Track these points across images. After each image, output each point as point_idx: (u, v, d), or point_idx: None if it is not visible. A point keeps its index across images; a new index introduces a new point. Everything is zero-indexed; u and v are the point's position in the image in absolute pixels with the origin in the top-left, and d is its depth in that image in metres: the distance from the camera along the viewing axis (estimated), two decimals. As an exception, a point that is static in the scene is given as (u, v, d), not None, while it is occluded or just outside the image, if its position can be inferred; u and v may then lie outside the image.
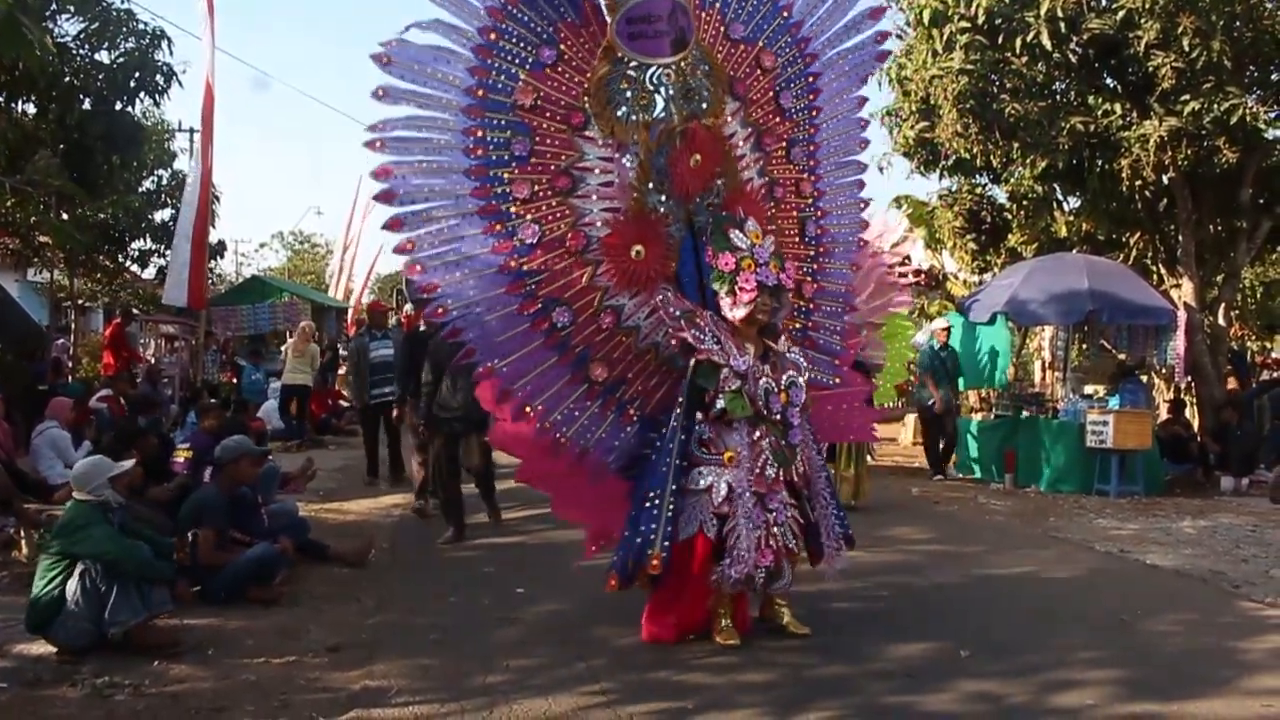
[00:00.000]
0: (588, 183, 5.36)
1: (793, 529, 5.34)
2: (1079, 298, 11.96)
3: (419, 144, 5.09)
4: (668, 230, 5.51)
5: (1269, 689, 4.75)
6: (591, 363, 5.38)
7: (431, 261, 5.11)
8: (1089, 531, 8.92)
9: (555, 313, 5.27)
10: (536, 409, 5.25)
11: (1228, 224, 13.40)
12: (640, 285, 5.39)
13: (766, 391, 5.19)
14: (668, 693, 4.69)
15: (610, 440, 5.46)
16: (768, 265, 5.26)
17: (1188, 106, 10.99)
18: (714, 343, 5.22)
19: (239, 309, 20.74)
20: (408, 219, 5.05)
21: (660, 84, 5.42)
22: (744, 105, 5.70)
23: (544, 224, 5.25)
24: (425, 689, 4.75)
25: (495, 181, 5.17)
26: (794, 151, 5.92)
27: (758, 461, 5.20)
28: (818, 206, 6.06)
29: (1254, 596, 6.52)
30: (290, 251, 50.86)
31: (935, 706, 4.53)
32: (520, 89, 5.18)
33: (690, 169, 5.43)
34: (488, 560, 7.49)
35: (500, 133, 5.17)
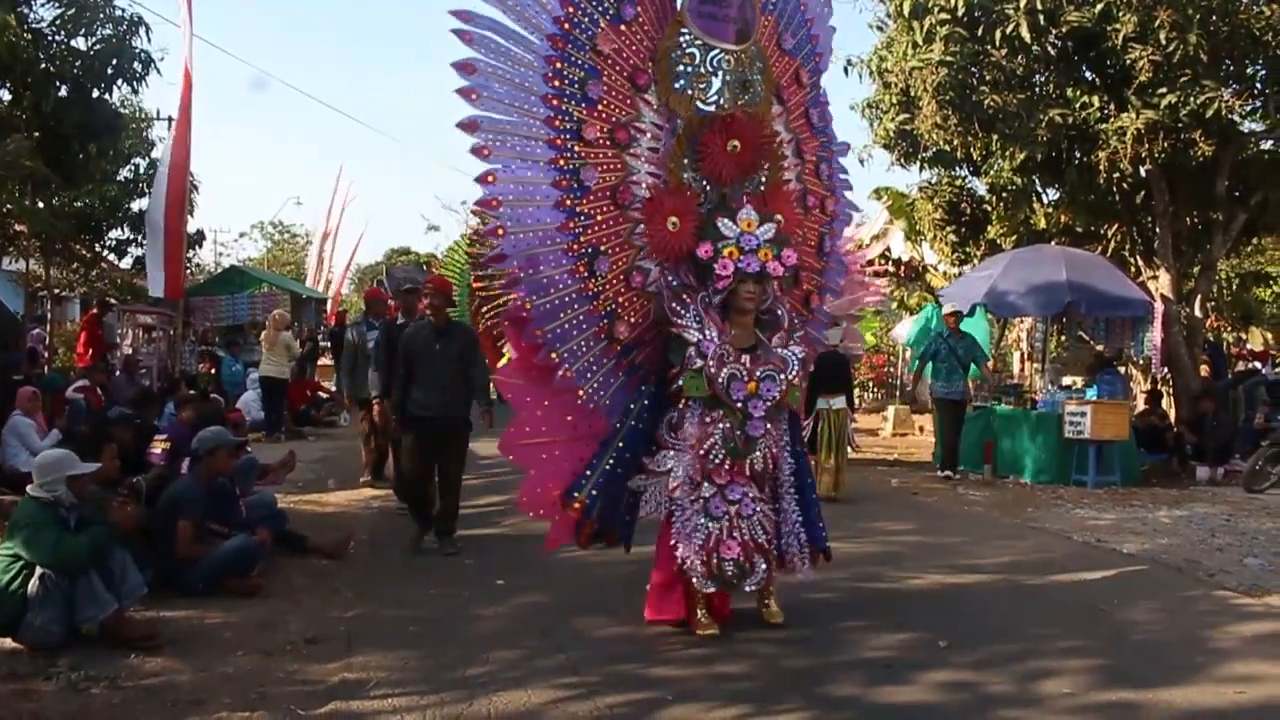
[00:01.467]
0: (640, 143, 5.48)
1: (763, 525, 5.34)
2: (1057, 289, 12.03)
3: (503, 54, 5.15)
4: (700, 207, 5.56)
5: (1242, 676, 4.81)
6: (617, 320, 5.41)
7: (501, 175, 5.16)
8: (1067, 521, 8.99)
9: (597, 261, 5.32)
10: (561, 354, 5.26)
11: (1203, 216, 13.51)
12: (669, 254, 5.45)
13: (731, 377, 5.18)
14: (645, 683, 4.71)
15: (618, 402, 5.48)
16: (754, 253, 5.26)
17: (1165, 99, 11.06)
18: (694, 320, 5.26)
19: (218, 299, 20.62)
20: (485, 123, 5.11)
21: (719, 68, 5.54)
22: (787, 112, 5.91)
23: (600, 171, 5.35)
24: (404, 681, 4.74)
25: (566, 116, 5.26)
26: (821, 168, 6.17)
27: (705, 444, 5.21)
28: (833, 226, 6.33)
29: (1227, 585, 6.58)
30: (270, 242, 50.68)
31: (913, 696, 4.56)
32: (601, 35, 5.32)
33: (726, 153, 5.51)
34: (467, 553, 7.46)
35: (578, 70, 5.28)
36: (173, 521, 6.19)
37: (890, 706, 4.47)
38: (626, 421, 5.41)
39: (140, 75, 10.75)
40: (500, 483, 10.69)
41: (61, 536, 5.11)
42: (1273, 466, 10.89)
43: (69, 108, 10.60)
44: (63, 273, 19.01)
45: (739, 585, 5.34)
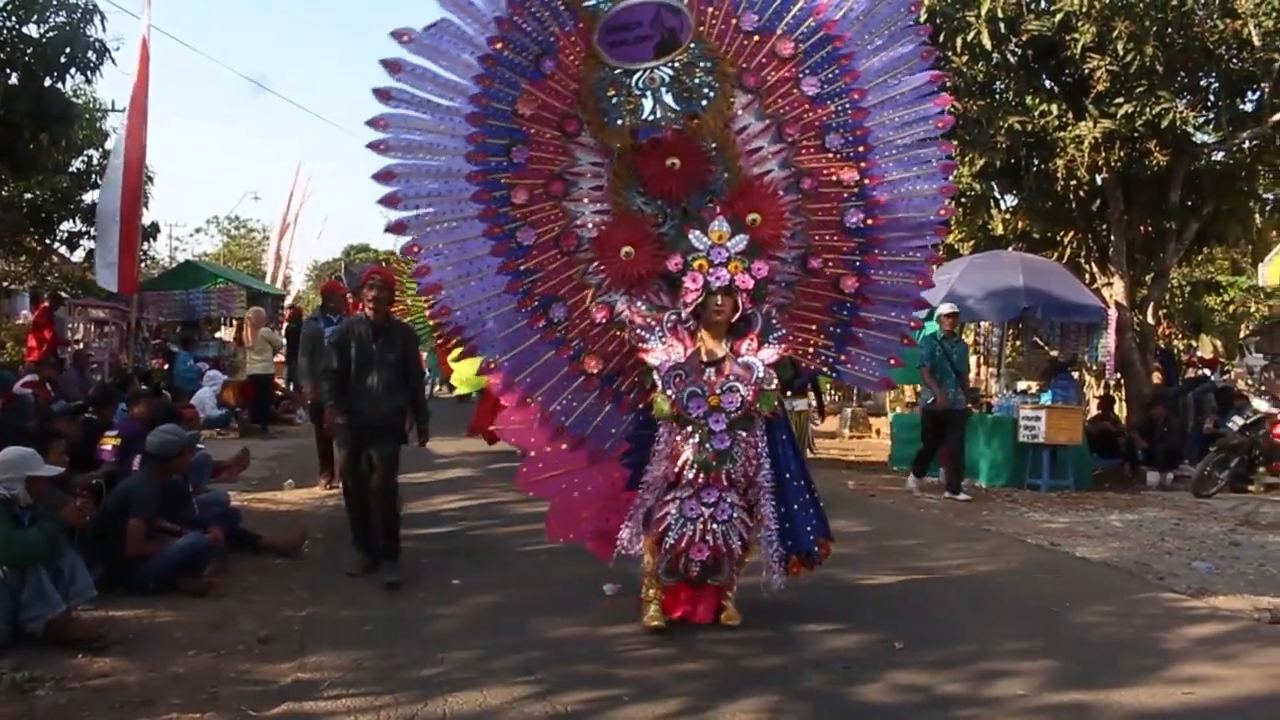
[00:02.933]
0: (580, 187, 5.57)
1: (739, 530, 5.34)
2: (1014, 294, 12.16)
3: (423, 148, 5.33)
4: (658, 230, 5.56)
5: (1190, 677, 4.87)
6: (586, 356, 5.54)
7: (435, 262, 5.40)
8: (1021, 525, 9.08)
9: (551, 309, 5.49)
10: (537, 399, 5.49)
11: (1157, 225, 13.71)
12: (631, 283, 5.49)
13: (689, 395, 5.18)
14: (602, 683, 4.69)
15: (607, 428, 5.60)
16: (724, 265, 5.23)
17: (1121, 109, 11.23)
18: (659, 342, 5.29)
19: (172, 294, 20.33)
20: (411, 223, 5.34)
21: (647, 88, 5.52)
22: (759, 97, 5.61)
23: (539, 227, 5.48)
24: (358, 681, 4.69)
25: (495, 187, 5.40)
26: (829, 139, 5.61)
27: (677, 463, 5.25)
28: (868, 195, 5.64)
29: (1176, 588, 6.68)
30: (226, 237, 50.09)
31: (869, 697, 4.58)
32: (522, 99, 5.39)
33: (668, 171, 5.50)
34: (423, 552, 7.39)
35: (501, 140, 5.39)
36: (123, 519, 6.08)
37: (850, 706, 4.49)
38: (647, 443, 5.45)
39: (94, 65, 10.57)
40: (457, 482, 10.65)
41: (13, 531, 5.01)
42: (1220, 472, 11.09)
43: (19, 96, 10.39)
44: (11, 265, 18.66)
45: (700, 581, 5.41)
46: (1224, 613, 6.10)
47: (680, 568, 5.32)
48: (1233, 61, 12.04)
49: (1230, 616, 6.01)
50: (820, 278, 5.74)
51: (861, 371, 5.89)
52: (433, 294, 5.51)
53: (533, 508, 5.83)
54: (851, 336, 5.80)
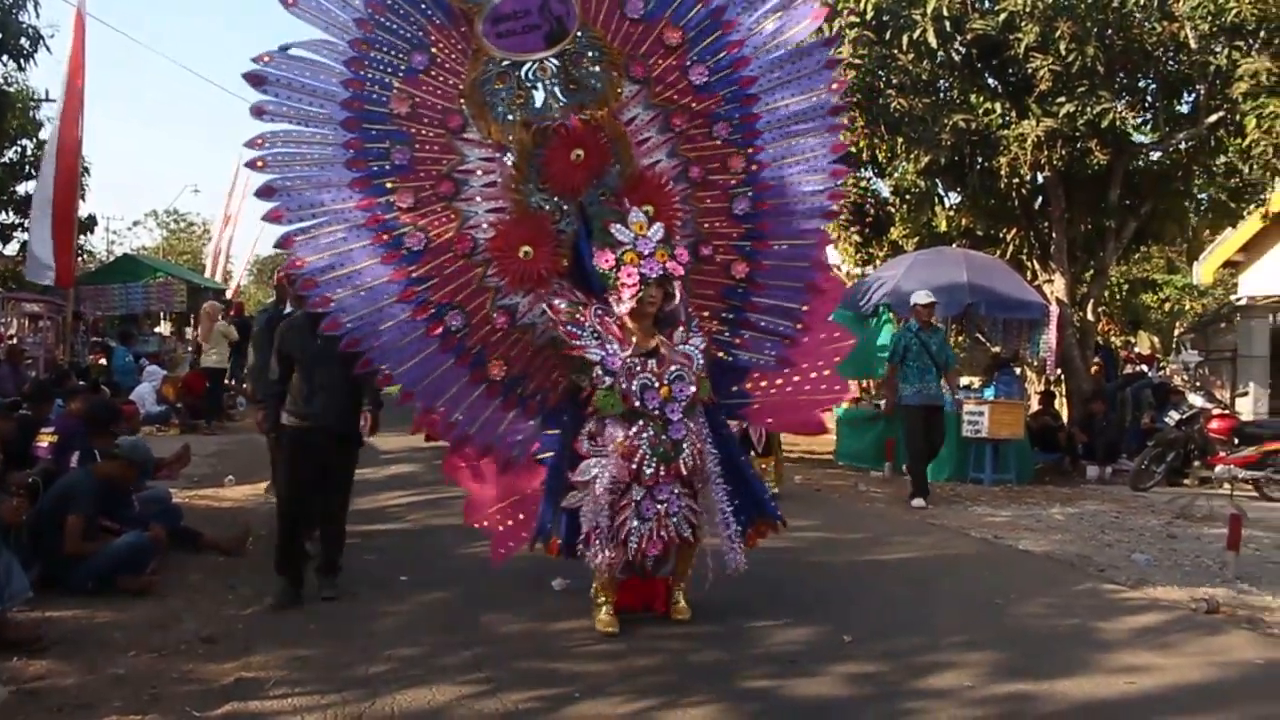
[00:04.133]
0: (471, 185, 5.37)
1: (688, 519, 5.34)
2: (958, 290, 12.30)
3: (301, 160, 5.13)
4: (557, 227, 5.47)
5: (1131, 666, 4.96)
6: (489, 362, 5.40)
7: (324, 276, 5.17)
8: (964, 518, 9.19)
9: (448, 316, 5.31)
10: (439, 409, 5.33)
11: (1097, 223, 13.95)
12: (532, 284, 5.37)
13: (643, 387, 5.15)
14: (551, 679, 4.67)
15: (513, 435, 5.49)
16: (652, 256, 5.18)
17: (1063, 108, 11.40)
18: (592, 338, 5.21)
19: (110, 288, 19.94)
20: (296, 236, 5.14)
21: (537, 79, 5.37)
22: (647, 86, 5.49)
23: (430, 230, 5.28)
24: (304, 680, 4.62)
25: (378, 192, 5.20)
26: (717, 127, 5.54)
27: (634, 458, 5.17)
28: (758, 180, 5.60)
29: (1116, 580, 6.80)
30: (166, 231, 49.25)
31: (818, 690, 4.60)
32: (395, 97, 5.19)
33: (572, 164, 5.39)
34: (368, 548, 7.32)
35: (379, 143, 5.19)
36: (61, 517, 5.96)
37: (799, 700, 4.50)
38: (562, 451, 5.39)
39: (28, 53, 10.34)
40: (404, 477, 10.55)
41: None
42: (1157, 466, 11.32)
43: (-50, 84, 10.13)
44: (-59, 258, 18.20)
45: (653, 573, 5.43)
46: (1163, 603, 6.22)
47: (636, 565, 5.31)
48: (1169, 63, 12.30)
49: (1169, 607, 6.14)
50: (712, 265, 5.69)
51: (756, 352, 5.80)
52: (323, 307, 5.23)
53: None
54: (745, 321, 5.77)
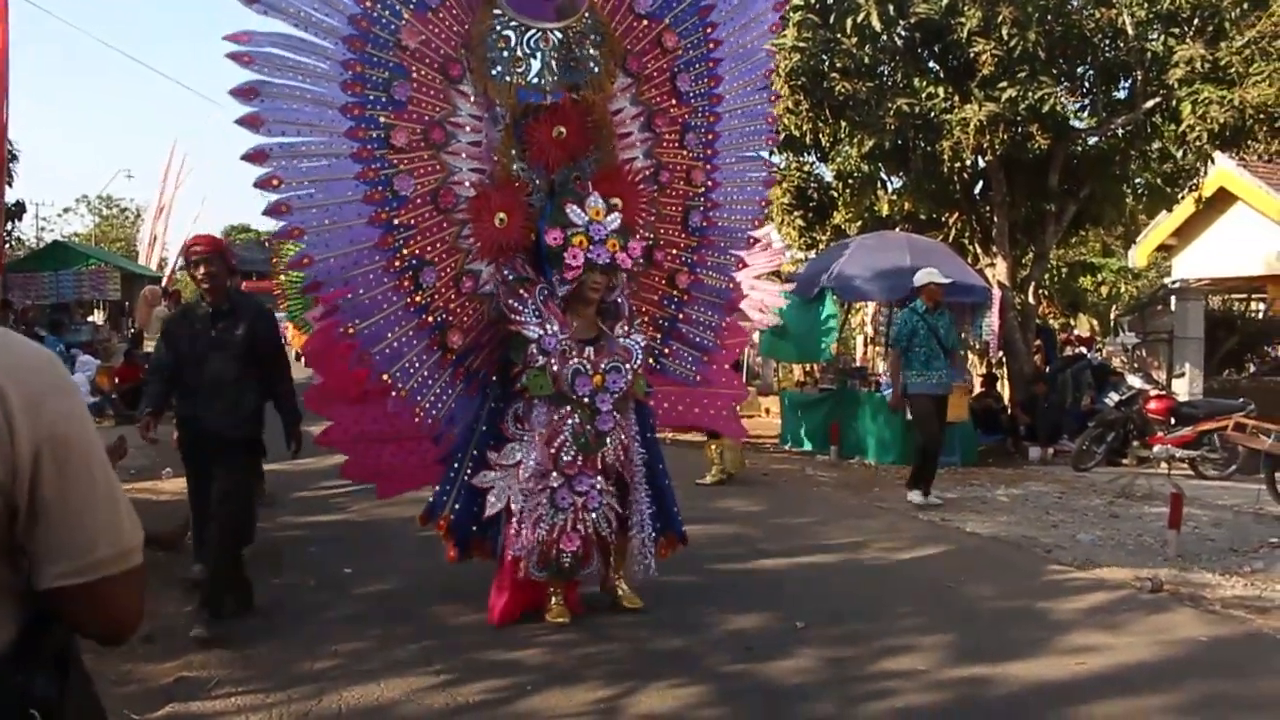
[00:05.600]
0: (459, 139, 5.16)
1: (608, 516, 5.25)
2: (901, 274, 12.29)
3: (293, 67, 4.67)
4: (528, 199, 5.36)
5: (1080, 647, 5.00)
6: (449, 329, 5.19)
7: (300, 203, 4.75)
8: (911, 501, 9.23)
9: (422, 273, 5.04)
10: (394, 374, 5.06)
11: (1037, 207, 14.10)
12: (499, 253, 5.24)
13: (575, 373, 5.07)
14: (504, 671, 4.60)
15: (456, 411, 5.34)
16: (603, 243, 5.10)
17: (1005, 93, 11.48)
18: (534, 316, 5.09)
19: (40, 276, 19.41)
20: (274, 151, 4.66)
21: (537, 49, 5.28)
22: (637, 82, 5.53)
23: (418, 177, 4.99)
24: (248, 678, 4.51)
25: (372, 124, 4.84)
26: (688, 138, 5.69)
27: (554, 443, 5.07)
28: (709, 197, 5.82)
29: (1062, 560, 6.87)
30: (98, 217, 48.09)
31: (776, 676, 4.57)
32: (405, 28, 4.89)
33: (553, 140, 5.32)
34: (312, 540, 7.19)
35: (381, 71, 4.86)
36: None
37: (757, 686, 4.47)
38: (477, 427, 5.27)
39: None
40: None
41: None
42: (1098, 446, 11.48)
43: None
44: None
45: (572, 575, 5.28)
46: (1109, 583, 6.29)
47: (552, 559, 5.14)
48: (1107, 50, 12.43)
49: (1114, 586, 6.21)
50: (659, 271, 5.78)
51: (681, 366, 5.95)
52: (292, 239, 4.85)
53: (423, 493, 5.63)
54: (676, 331, 5.93)
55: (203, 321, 5.35)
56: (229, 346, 5.29)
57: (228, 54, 4.52)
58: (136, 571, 1.48)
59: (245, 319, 5.36)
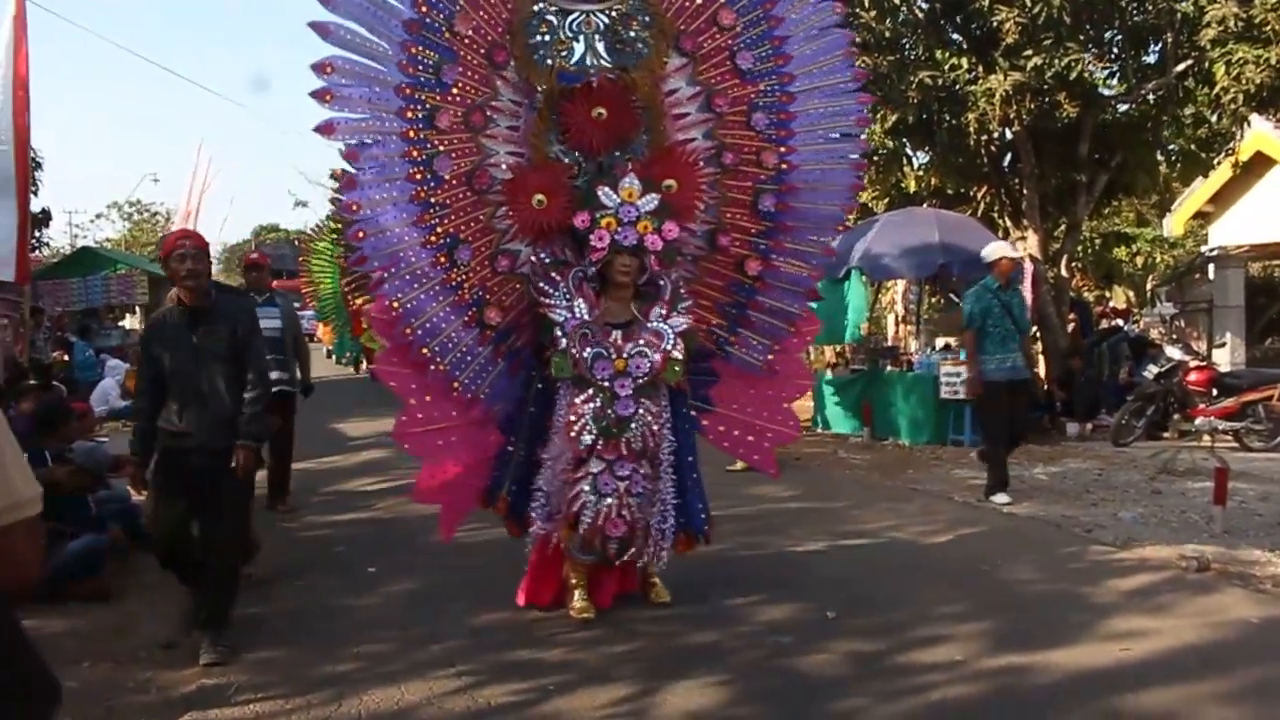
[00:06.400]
0: (498, 124, 5.22)
1: (651, 501, 5.13)
2: (930, 251, 12.14)
3: (360, 47, 4.92)
4: (572, 182, 5.29)
5: (1124, 632, 4.82)
6: (486, 306, 5.20)
7: (364, 179, 4.97)
8: (947, 482, 9.07)
9: (458, 251, 5.12)
10: (433, 349, 5.09)
11: (1067, 178, 13.80)
12: (538, 234, 5.20)
13: (596, 356, 4.97)
14: (528, 672, 4.47)
15: (499, 388, 5.30)
16: (633, 225, 5.01)
17: (1030, 61, 11.20)
18: (563, 299, 5.04)
19: (69, 282, 19.56)
20: (340, 125, 4.91)
21: (580, 32, 5.22)
22: (693, 62, 5.38)
23: (455, 158, 5.11)
24: (267, 684, 4.42)
25: (420, 105, 5.01)
26: (755, 117, 5.45)
27: (575, 426, 5.02)
28: (784, 181, 5.51)
29: (1103, 540, 6.68)
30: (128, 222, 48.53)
31: (807, 669, 4.43)
32: (460, 15, 5.05)
33: (593, 122, 5.23)
34: (338, 539, 7.12)
35: (433, 54, 5.02)
36: (8, 524, 5.70)
37: (787, 681, 4.32)
38: (526, 409, 5.25)
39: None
40: (373, 463, 10.32)
41: None
42: (1137, 421, 11.25)
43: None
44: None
45: (616, 559, 5.15)
46: (1152, 563, 6.10)
47: (597, 545, 5.07)
48: (1136, 13, 12.11)
49: (1158, 566, 6.02)
50: (726, 256, 5.55)
51: (748, 355, 5.66)
52: (354, 212, 4.98)
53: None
54: (745, 319, 5.64)
55: (180, 328, 4.90)
56: (214, 353, 4.87)
57: (310, 23, 4.79)
58: (29, 523, 1.59)
59: (229, 323, 4.97)
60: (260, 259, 8.35)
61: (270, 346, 7.45)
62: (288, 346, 7.84)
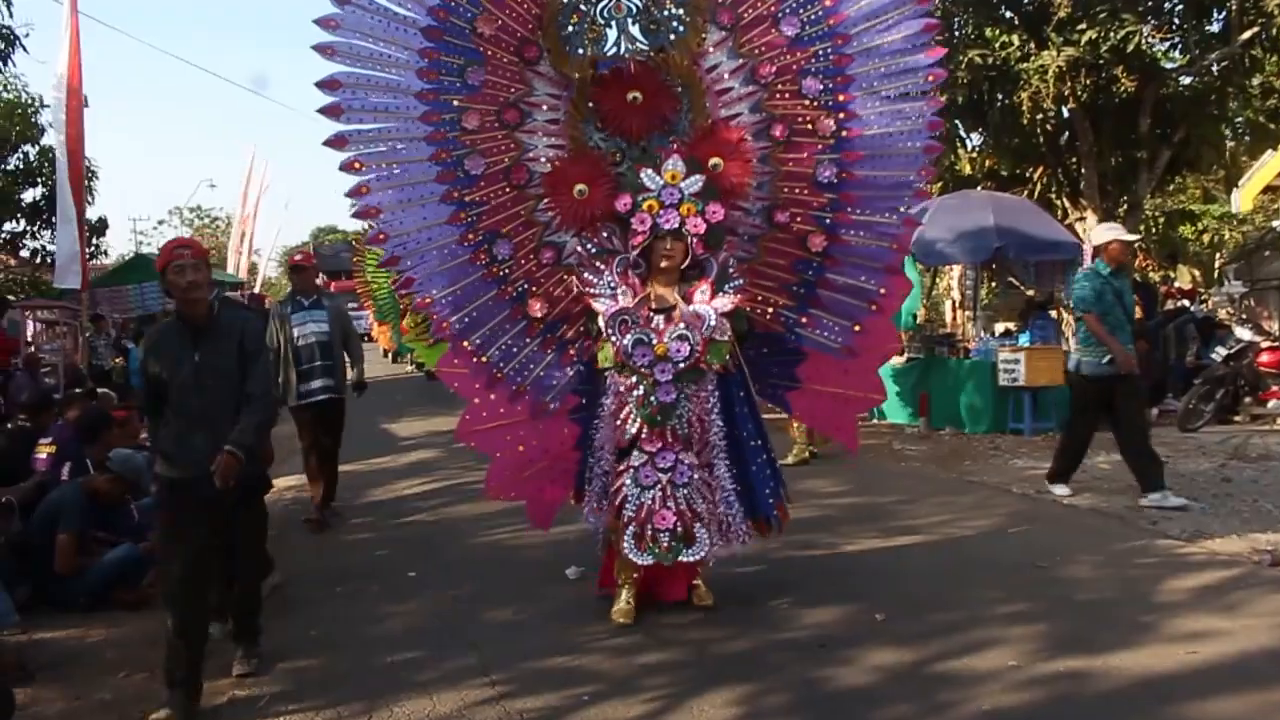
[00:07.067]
0: (535, 118, 5.21)
1: (702, 493, 4.96)
2: (985, 235, 11.79)
3: (373, 58, 4.97)
4: (614, 169, 5.18)
5: (1191, 633, 4.56)
6: (530, 298, 5.22)
7: (377, 185, 5.04)
8: (1005, 473, 8.78)
9: (496, 245, 5.17)
10: (474, 342, 5.18)
11: (1128, 155, 13.43)
12: (583, 224, 5.14)
13: (635, 343, 4.82)
14: (562, 681, 4.34)
15: (548, 380, 5.29)
16: (675, 207, 4.87)
17: (1085, 36, 10.87)
18: (607, 288, 4.96)
19: (124, 289, 19.83)
20: (353, 136, 4.98)
21: (612, 17, 5.11)
22: (734, 33, 5.15)
23: (489, 156, 5.14)
24: (300, 694, 4.37)
25: (445, 108, 5.06)
26: (806, 84, 5.13)
27: (620, 415, 4.96)
28: (845, 148, 5.18)
29: (1170, 533, 6.37)
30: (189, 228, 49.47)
31: (850, 680, 4.23)
32: (482, 16, 5.04)
33: (629, 106, 5.14)
34: (381, 542, 7.06)
35: (456, 58, 5.05)
36: (51, 534, 5.71)
37: (828, 693, 4.13)
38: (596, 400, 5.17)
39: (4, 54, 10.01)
40: (422, 464, 10.27)
41: None
42: (1206, 405, 10.83)
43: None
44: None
45: (676, 556, 4.93)
46: (1222, 557, 5.80)
47: (649, 540, 4.88)
48: (1196, -19, 11.71)
49: (1229, 561, 5.71)
50: (786, 233, 5.28)
51: (822, 336, 5.34)
52: (370, 218, 5.15)
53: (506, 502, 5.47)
54: (814, 299, 5.33)
55: (182, 345, 4.39)
56: (220, 372, 4.38)
57: (313, 45, 4.85)
58: None
59: (233, 339, 4.45)
60: (305, 260, 8.20)
61: (319, 351, 7.55)
62: (336, 349, 7.64)
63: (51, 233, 18.44)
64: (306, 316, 7.62)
